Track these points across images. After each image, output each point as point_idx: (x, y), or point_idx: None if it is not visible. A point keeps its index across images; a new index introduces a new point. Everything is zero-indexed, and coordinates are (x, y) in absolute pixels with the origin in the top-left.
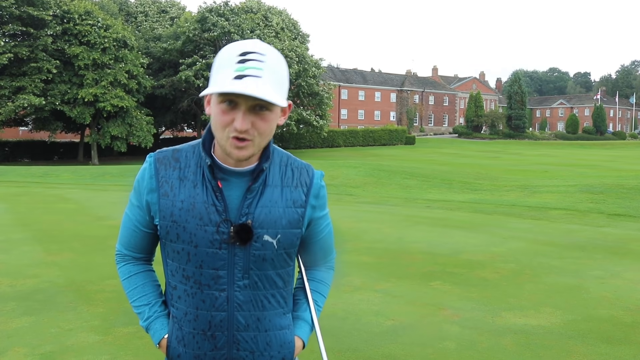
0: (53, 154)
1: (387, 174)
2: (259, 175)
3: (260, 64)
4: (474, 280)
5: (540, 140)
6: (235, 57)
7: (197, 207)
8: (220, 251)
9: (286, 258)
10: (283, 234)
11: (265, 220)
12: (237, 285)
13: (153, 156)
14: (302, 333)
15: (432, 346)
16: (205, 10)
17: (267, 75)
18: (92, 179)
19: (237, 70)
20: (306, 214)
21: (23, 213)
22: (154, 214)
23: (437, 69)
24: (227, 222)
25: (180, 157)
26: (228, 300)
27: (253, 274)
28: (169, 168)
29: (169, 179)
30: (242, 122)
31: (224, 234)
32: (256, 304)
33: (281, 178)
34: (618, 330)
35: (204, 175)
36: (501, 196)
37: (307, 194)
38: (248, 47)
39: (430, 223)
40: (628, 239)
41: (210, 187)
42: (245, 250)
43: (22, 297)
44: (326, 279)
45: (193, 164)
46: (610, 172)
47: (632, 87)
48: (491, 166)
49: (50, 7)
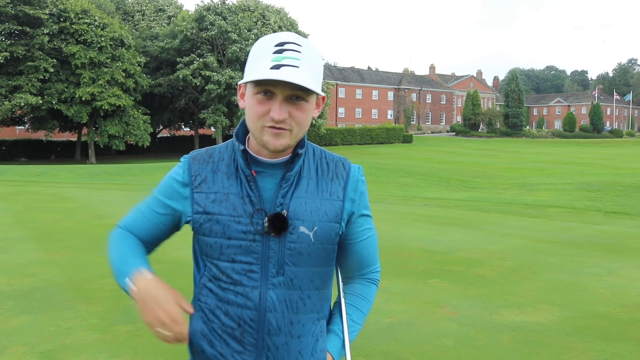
0: (50, 153)
1: (384, 173)
2: (294, 161)
3: (297, 54)
4: (471, 277)
5: (538, 139)
6: (272, 47)
7: (230, 199)
8: (254, 243)
9: (324, 255)
10: (320, 227)
11: (301, 211)
12: (271, 283)
13: (187, 155)
14: (333, 347)
15: (430, 343)
16: (202, 9)
17: (304, 65)
18: (90, 178)
19: (274, 60)
20: (344, 207)
21: (21, 212)
22: (185, 210)
23: (435, 68)
24: (261, 212)
25: (214, 152)
26: (260, 298)
27: (288, 270)
28: (202, 163)
29: (202, 173)
30: (280, 112)
31: (257, 224)
32: (290, 305)
33: (316, 170)
34: (615, 327)
35: (237, 167)
36: (499, 194)
37: (345, 186)
38: (284, 38)
39: (428, 221)
40: (625, 237)
41: (244, 176)
42: (280, 242)
43: (21, 295)
44: (367, 294)
45: (227, 157)
46: (607, 170)
47: (629, 85)
48: (489, 164)
49: (47, 6)
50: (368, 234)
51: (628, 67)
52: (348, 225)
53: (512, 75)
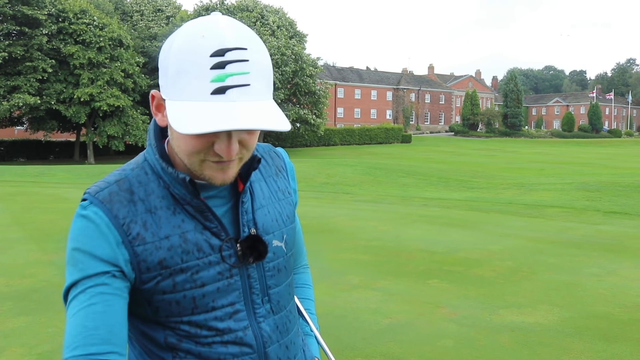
0: (49, 153)
1: (383, 173)
2: (251, 169)
3: (245, 64)
4: (471, 278)
5: (536, 138)
6: (207, 57)
7: (189, 237)
8: (232, 279)
9: (292, 261)
10: (287, 233)
11: (268, 224)
12: (259, 315)
13: (91, 198)
14: (315, 351)
15: (429, 344)
16: (201, 9)
17: (254, 77)
18: (89, 179)
19: (215, 81)
20: (294, 202)
21: (19, 213)
22: (128, 274)
23: (433, 67)
24: (231, 242)
25: (132, 186)
26: (255, 337)
27: (273, 293)
28: (126, 204)
29: (135, 218)
30: (229, 149)
31: (231, 257)
32: (282, 329)
33: (259, 169)
34: (615, 327)
35: (175, 198)
36: (498, 194)
37: (287, 178)
38: (223, 41)
39: (427, 221)
40: (624, 237)
41: (191, 207)
42: (258, 267)
43: (19, 296)
44: (309, 281)
45: (154, 187)
46: (606, 169)
47: (627, 85)
48: (487, 164)
49: (45, 6)
50: (298, 220)
51: (627, 67)
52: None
53: (510, 75)
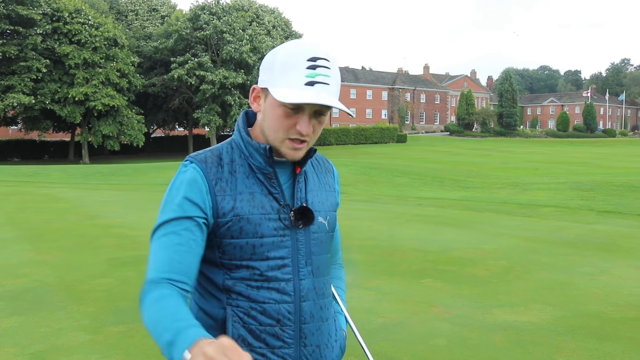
0: (43, 153)
1: (378, 172)
2: (308, 158)
3: (328, 71)
4: (464, 277)
5: (531, 138)
6: (304, 61)
7: (256, 197)
8: (284, 238)
9: (331, 242)
10: (330, 216)
11: (316, 203)
12: (302, 273)
13: (192, 159)
14: (343, 325)
15: (423, 343)
16: (197, 9)
17: (333, 81)
18: (83, 178)
19: (309, 77)
20: (337, 198)
21: (13, 212)
22: (209, 217)
23: (429, 67)
24: (287, 208)
25: (221, 154)
26: (295, 290)
27: (315, 259)
28: (215, 166)
29: (220, 175)
30: (307, 127)
31: (285, 219)
32: (318, 292)
33: (312, 165)
34: (607, 326)
35: (250, 167)
36: (492, 194)
37: (334, 179)
38: (317, 52)
39: (422, 220)
40: (617, 236)
41: (262, 175)
42: (306, 234)
43: (12, 296)
44: (342, 276)
45: (237, 157)
46: (600, 169)
47: (622, 85)
48: (482, 164)
49: (40, 6)
50: (338, 224)
51: (621, 67)
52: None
53: (505, 75)
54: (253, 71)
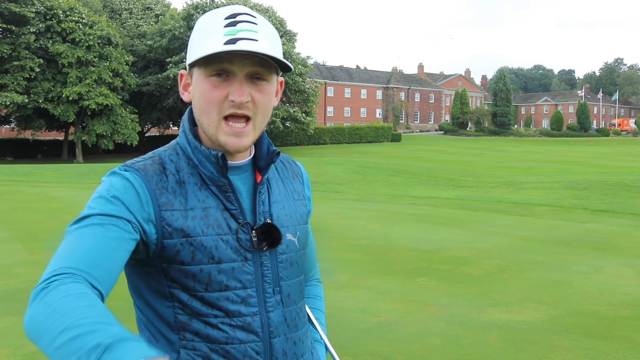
0: (37, 152)
1: (373, 171)
2: (270, 162)
3: (253, 25)
4: (459, 276)
5: (525, 137)
6: (222, 20)
7: (211, 213)
8: (246, 263)
9: (303, 261)
10: (300, 231)
11: (282, 217)
12: (269, 304)
13: (126, 167)
14: (322, 356)
15: (417, 342)
16: (190, 7)
17: (262, 37)
18: (77, 177)
19: (228, 34)
20: (307, 207)
21: (6, 212)
22: (150, 235)
23: (423, 66)
24: (247, 226)
25: (163, 161)
26: (262, 326)
27: (284, 285)
28: (158, 174)
29: (166, 186)
30: (241, 92)
31: (247, 241)
32: (290, 324)
33: (276, 169)
34: (601, 324)
35: (202, 177)
36: (486, 193)
37: (303, 185)
38: (236, 10)
39: (416, 220)
40: (611, 235)
41: (216, 187)
42: (272, 256)
43: (5, 297)
44: (320, 294)
45: (184, 165)
46: (593, 168)
47: (615, 84)
48: (477, 163)
49: (33, 4)
50: (312, 234)
51: (614, 67)
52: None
53: (500, 74)
54: None
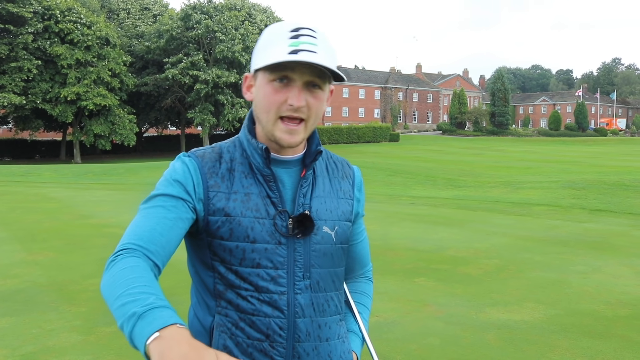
0: (35, 152)
1: (371, 171)
2: (314, 160)
3: (313, 39)
4: (457, 276)
5: (523, 137)
6: (287, 32)
7: (252, 199)
8: (280, 246)
9: (341, 255)
10: (339, 226)
11: (322, 211)
12: (298, 287)
13: (189, 153)
14: (356, 347)
15: (416, 342)
16: (188, 8)
17: (321, 50)
18: (75, 178)
19: (292, 45)
20: (354, 206)
21: (4, 212)
22: (199, 212)
23: (421, 66)
24: (284, 214)
25: (221, 151)
26: (288, 305)
27: (314, 272)
28: (213, 161)
29: (217, 171)
30: (299, 98)
31: (282, 227)
32: (317, 309)
33: (326, 168)
34: (599, 324)
35: (251, 167)
36: (485, 192)
37: (353, 186)
38: (299, 24)
39: (415, 220)
40: (609, 234)
41: (262, 176)
42: (306, 244)
43: (3, 297)
44: (368, 291)
45: (238, 156)
46: (591, 168)
47: (613, 84)
48: (475, 163)
49: (31, 4)
50: (365, 234)
51: (612, 67)
52: (352, 225)
53: (498, 74)
54: (245, 70)
